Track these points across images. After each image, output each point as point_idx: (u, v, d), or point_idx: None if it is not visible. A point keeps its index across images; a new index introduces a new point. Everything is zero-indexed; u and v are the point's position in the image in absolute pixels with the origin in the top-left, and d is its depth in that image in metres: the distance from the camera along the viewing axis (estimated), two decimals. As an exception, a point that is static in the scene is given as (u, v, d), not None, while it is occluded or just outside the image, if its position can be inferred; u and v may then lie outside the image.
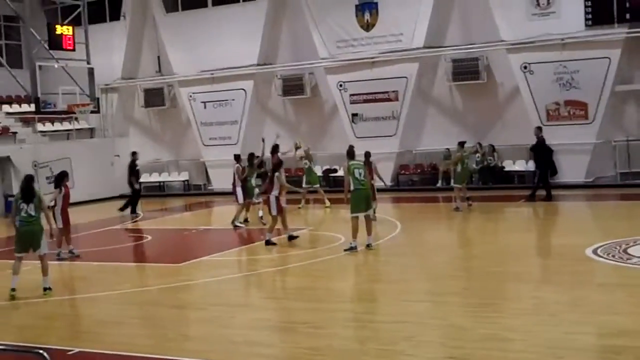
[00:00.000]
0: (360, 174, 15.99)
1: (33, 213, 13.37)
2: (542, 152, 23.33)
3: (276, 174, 17.70)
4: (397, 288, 13.05)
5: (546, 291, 11.96)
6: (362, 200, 15.97)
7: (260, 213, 21.22)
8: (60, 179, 17.62)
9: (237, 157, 22.35)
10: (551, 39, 25.57)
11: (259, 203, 21.33)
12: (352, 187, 15.97)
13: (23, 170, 28.26)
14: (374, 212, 19.29)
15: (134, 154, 25.96)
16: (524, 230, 19.14)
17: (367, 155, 19.94)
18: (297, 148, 24.76)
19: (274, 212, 17.49)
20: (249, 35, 30.40)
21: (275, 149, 22.69)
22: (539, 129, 23.67)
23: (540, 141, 23.27)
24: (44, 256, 13.57)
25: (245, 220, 21.32)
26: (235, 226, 20.92)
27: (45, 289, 13.52)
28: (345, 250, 15.86)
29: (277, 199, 17.45)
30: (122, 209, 25.76)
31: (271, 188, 17.55)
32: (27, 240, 13.47)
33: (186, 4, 32.67)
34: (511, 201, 23.95)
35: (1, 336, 11.31)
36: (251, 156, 21.84)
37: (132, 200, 25.80)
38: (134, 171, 25.71)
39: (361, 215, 16.03)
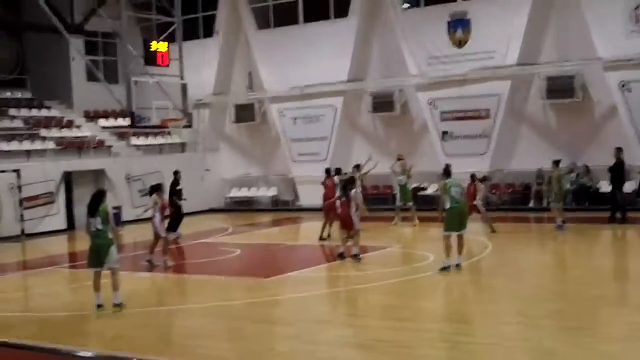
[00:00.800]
0: (456, 192, 15.71)
1: (100, 227, 13.17)
2: (620, 174, 22.86)
3: (353, 191, 17.61)
4: (487, 309, 12.76)
5: (644, 317, 11.49)
6: (455, 218, 15.71)
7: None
8: (153, 190, 17.91)
9: (328, 171, 22.44)
10: (651, 56, 24.84)
11: None
12: (447, 205, 15.71)
13: (117, 183, 29.11)
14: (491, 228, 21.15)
15: (176, 173, 24.33)
16: (619, 252, 18.54)
17: (473, 177, 21.64)
18: (399, 159, 24.70)
19: (357, 227, 17.31)
20: (340, 52, 30.46)
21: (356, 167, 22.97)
22: (619, 149, 23.07)
23: (619, 162, 22.75)
24: (115, 270, 13.35)
25: (328, 236, 21.27)
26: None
27: (115, 305, 13.22)
28: (440, 269, 15.48)
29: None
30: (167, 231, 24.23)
31: (348, 205, 17.39)
32: (95, 253, 13.31)
33: (278, 21, 33.01)
34: (606, 223, 23.21)
35: (93, 345, 11.54)
36: (338, 171, 22.27)
37: (173, 220, 23.69)
38: (174, 191, 23.80)
39: (454, 234, 15.74)
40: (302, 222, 28.64)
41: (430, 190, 29.04)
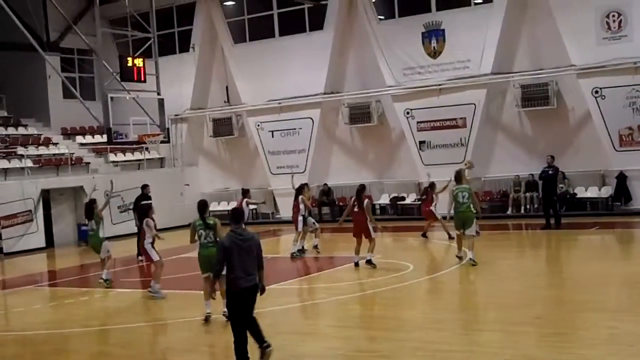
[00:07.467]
0: (463, 197, 17.31)
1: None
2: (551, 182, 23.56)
3: (365, 201, 18.16)
4: (467, 317, 12.85)
5: (623, 321, 11.62)
6: (460, 220, 17.50)
7: (316, 241, 21.22)
8: (143, 212, 16.82)
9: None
10: (623, 62, 25.10)
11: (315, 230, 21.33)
12: (453, 209, 17.61)
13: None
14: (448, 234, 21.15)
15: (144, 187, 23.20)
16: (598, 258, 18.67)
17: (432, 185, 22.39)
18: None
19: (373, 235, 18.08)
20: (316, 64, 30.60)
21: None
22: (552, 157, 23.74)
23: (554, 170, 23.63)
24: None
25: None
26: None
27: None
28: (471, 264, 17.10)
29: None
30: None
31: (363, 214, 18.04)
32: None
33: (254, 35, 33.14)
34: (584, 228, 23.41)
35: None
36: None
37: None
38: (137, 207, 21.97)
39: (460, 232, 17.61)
40: (282, 234, 28.63)
41: (409, 200, 29.20)
